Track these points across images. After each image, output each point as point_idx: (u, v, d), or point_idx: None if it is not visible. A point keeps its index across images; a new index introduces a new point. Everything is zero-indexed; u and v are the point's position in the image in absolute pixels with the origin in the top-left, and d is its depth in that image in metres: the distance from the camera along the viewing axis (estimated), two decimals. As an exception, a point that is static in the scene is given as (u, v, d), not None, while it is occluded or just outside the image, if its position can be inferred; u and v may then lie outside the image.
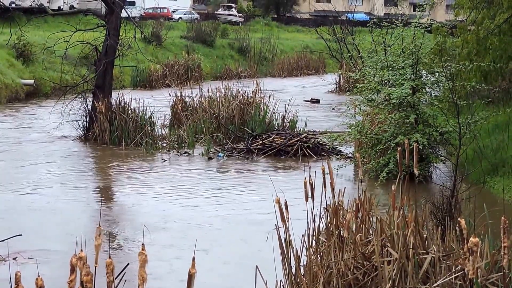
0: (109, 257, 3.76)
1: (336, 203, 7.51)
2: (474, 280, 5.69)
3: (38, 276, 3.47)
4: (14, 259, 9.15)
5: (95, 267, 3.92)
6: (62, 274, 7.61)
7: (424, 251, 6.88)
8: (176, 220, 11.97)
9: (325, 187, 7.32)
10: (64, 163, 16.99)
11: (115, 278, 3.93)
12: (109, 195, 14.07)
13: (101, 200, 13.61)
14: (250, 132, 19.55)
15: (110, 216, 12.15)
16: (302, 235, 7.36)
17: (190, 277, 3.69)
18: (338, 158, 17.08)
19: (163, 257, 9.79)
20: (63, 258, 9.47)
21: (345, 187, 8.06)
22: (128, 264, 4.96)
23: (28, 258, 9.35)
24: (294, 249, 7.02)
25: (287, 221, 6.78)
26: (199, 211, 12.63)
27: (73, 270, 3.67)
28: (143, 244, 3.84)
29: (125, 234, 11.14)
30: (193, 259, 3.74)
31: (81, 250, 3.77)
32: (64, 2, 47.86)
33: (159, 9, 61.60)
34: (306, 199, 7.02)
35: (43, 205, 12.79)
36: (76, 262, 3.67)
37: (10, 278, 3.70)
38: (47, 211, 12.41)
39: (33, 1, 23.14)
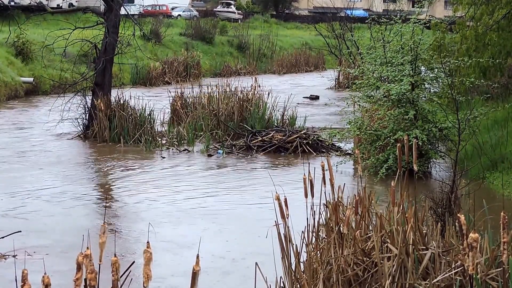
0: (115, 255, 3.77)
1: (336, 199, 7.52)
2: (474, 276, 5.70)
3: (45, 273, 3.48)
4: (14, 256, 9.16)
5: (99, 264, 3.92)
6: (63, 273, 7.63)
7: (424, 247, 6.90)
8: (176, 218, 11.99)
9: (324, 183, 7.32)
10: (64, 161, 16.99)
11: (120, 277, 3.94)
12: (109, 193, 14.07)
13: (102, 198, 13.63)
14: (250, 129, 19.56)
15: (111, 214, 12.16)
16: (302, 231, 7.37)
17: (195, 275, 3.69)
18: (337, 155, 17.09)
19: (166, 254, 9.81)
20: (65, 256, 9.50)
21: (344, 183, 8.08)
22: (133, 262, 4.97)
23: (28, 255, 9.35)
24: (294, 246, 7.02)
25: (287, 218, 6.79)
26: (198, 208, 12.64)
27: (79, 268, 3.67)
28: (148, 242, 3.84)
29: (127, 231, 11.16)
30: (197, 256, 3.74)
31: (88, 248, 3.78)
32: (63, 0, 47.83)
33: (158, 6, 61.60)
34: (306, 196, 7.03)
35: (43, 203, 12.79)
36: (83, 260, 3.68)
37: (16, 276, 3.70)
38: (48, 209, 12.41)
39: (32, -1, 23.16)
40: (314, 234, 7.45)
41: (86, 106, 20.43)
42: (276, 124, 20.50)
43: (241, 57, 49.83)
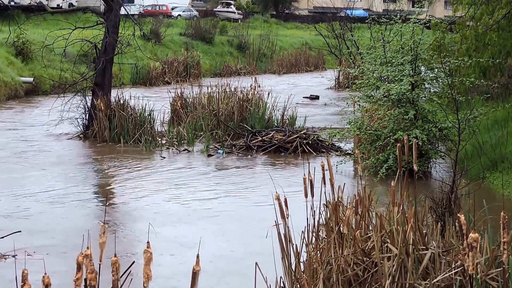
0: (115, 255, 3.77)
1: (336, 199, 7.52)
2: (474, 276, 5.70)
3: (45, 273, 3.48)
4: (14, 256, 9.16)
5: (100, 264, 3.92)
6: (63, 273, 7.63)
7: (424, 247, 6.89)
8: (176, 218, 11.98)
9: (324, 183, 7.32)
10: (64, 161, 16.99)
11: (121, 277, 3.94)
12: (109, 193, 14.06)
13: (102, 198, 13.62)
14: (250, 129, 19.56)
15: (111, 214, 12.16)
16: (302, 231, 7.36)
17: (195, 275, 3.69)
18: (337, 155, 17.08)
19: (166, 254, 9.81)
20: (65, 256, 9.50)
21: (344, 183, 8.08)
22: (133, 262, 4.97)
23: (28, 255, 9.35)
24: (294, 246, 7.02)
25: (287, 218, 6.79)
26: (198, 208, 12.64)
27: (79, 268, 3.67)
28: (148, 242, 3.84)
29: (127, 231, 11.16)
30: (197, 256, 3.74)
31: (88, 248, 3.78)
32: (63, 0, 47.83)
33: (158, 6, 61.58)
34: (306, 196, 7.03)
35: (43, 203, 12.78)
36: (83, 260, 3.67)
37: (16, 276, 3.70)
38: (48, 209, 12.40)
39: (32, -1, 23.19)
40: (314, 234, 7.45)
41: (86, 106, 20.43)
42: (276, 124, 20.49)
43: (241, 57, 49.83)
